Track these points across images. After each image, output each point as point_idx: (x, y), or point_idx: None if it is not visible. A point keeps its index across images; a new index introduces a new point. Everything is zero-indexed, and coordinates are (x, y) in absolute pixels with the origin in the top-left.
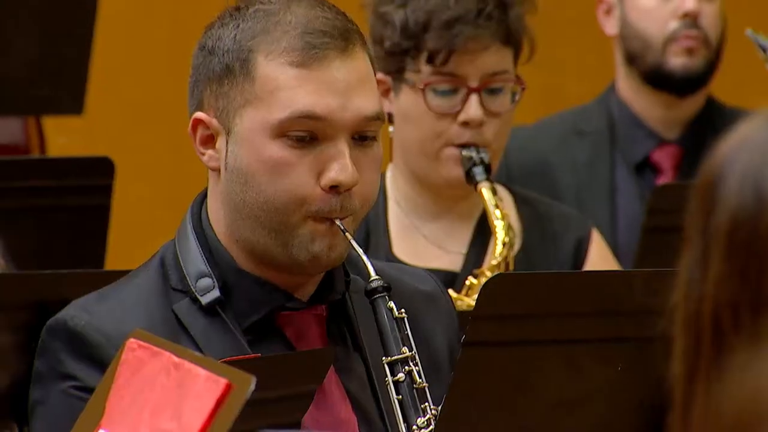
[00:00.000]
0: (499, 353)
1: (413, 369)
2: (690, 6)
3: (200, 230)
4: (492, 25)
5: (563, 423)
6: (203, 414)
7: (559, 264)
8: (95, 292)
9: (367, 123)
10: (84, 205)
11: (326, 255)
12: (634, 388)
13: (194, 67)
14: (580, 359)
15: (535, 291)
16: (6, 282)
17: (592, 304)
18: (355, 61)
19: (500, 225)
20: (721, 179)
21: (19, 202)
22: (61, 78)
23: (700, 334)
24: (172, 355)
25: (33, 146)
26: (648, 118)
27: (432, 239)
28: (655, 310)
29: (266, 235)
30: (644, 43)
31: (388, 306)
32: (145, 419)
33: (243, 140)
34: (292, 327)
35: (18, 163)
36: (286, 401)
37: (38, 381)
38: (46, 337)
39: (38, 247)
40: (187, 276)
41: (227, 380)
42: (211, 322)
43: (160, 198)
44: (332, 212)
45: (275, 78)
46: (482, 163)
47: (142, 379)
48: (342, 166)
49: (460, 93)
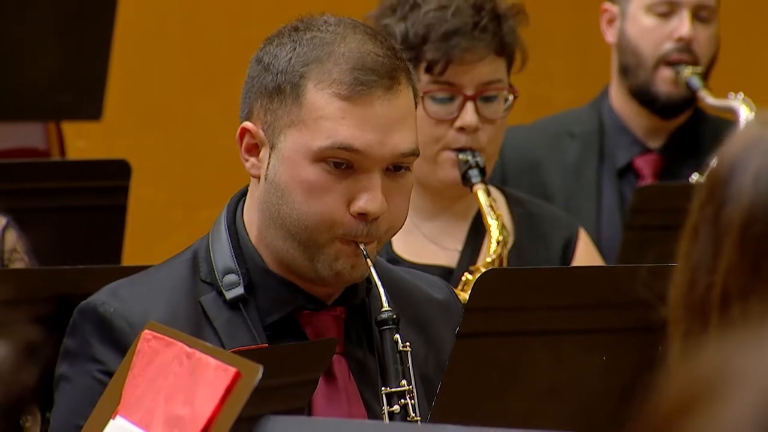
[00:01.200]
0: (491, 343)
1: (409, 403)
2: (685, 31)
3: (233, 229)
4: (487, 38)
5: (551, 408)
6: (214, 400)
7: (549, 261)
8: (127, 278)
9: (402, 158)
10: (102, 205)
11: (348, 273)
12: (616, 376)
13: (249, 76)
14: (567, 349)
15: (524, 285)
16: (30, 277)
17: (578, 298)
18: (398, 99)
19: (494, 224)
20: (734, 176)
21: (42, 202)
22: (81, 86)
23: (707, 320)
24: (185, 346)
25: (53, 150)
26: (634, 127)
27: (430, 237)
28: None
29: (295, 247)
30: (637, 60)
31: (393, 338)
32: (159, 405)
33: (284, 158)
34: (312, 327)
35: (41, 166)
36: (292, 389)
37: (66, 357)
38: (77, 318)
39: (60, 244)
40: (216, 270)
41: (236, 369)
42: (234, 316)
43: (173, 199)
44: (358, 236)
45: (322, 107)
46: (477, 167)
47: (156, 367)
48: (373, 197)
49: (457, 100)
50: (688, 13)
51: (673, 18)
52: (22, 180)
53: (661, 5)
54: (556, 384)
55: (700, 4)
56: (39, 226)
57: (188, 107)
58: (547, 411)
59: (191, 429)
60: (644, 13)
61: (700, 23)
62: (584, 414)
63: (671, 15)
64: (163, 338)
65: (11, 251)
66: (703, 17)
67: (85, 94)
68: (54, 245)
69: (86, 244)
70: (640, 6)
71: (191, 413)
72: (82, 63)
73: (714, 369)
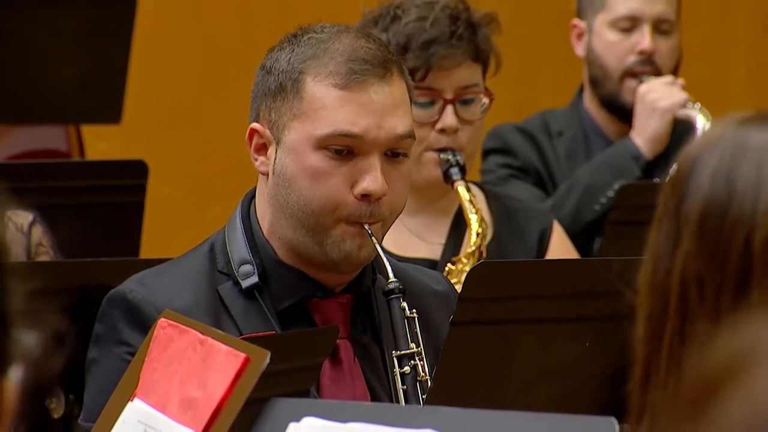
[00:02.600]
0: (482, 331)
1: (418, 363)
2: (646, 45)
3: (247, 223)
4: (463, 45)
5: (538, 392)
6: (225, 384)
7: (526, 251)
8: (152, 268)
9: (398, 141)
10: (121, 202)
11: (356, 254)
12: (599, 362)
13: (255, 83)
14: (553, 336)
15: (513, 277)
16: (55, 269)
17: (563, 289)
18: (392, 87)
19: (474, 218)
20: (694, 172)
21: (66, 200)
22: (102, 92)
23: (666, 302)
24: (198, 333)
25: (74, 151)
26: (606, 131)
27: (414, 231)
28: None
29: (305, 234)
30: (604, 73)
31: (401, 306)
32: (174, 388)
33: (290, 149)
34: (320, 313)
35: (65, 166)
36: (297, 373)
37: (96, 342)
38: (106, 306)
39: (82, 239)
40: (232, 261)
41: (246, 354)
42: (249, 303)
43: (187, 196)
44: (362, 217)
45: (321, 98)
46: (458, 165)
47: (171, 353)
48: (374, 178)
49: (437, 104)
50: (649, 28)
51: (635, 32)
52: (48, 179)
53: (623, 21)
54: (543, 368)
55: (660, 18)
56: (63, 222)
57: (201, 111)
58: (534, 394)
59: (204, 410)
60: (608, 28)
61: (660, 36)
62: (569, 396)
63: (633, 30)
64: (177, 326)
65: (38, 245)
66: (663, 30)
67: (106, 99)
68: (77, 240)
69: (106, 239)
70: (605, 22)
71: (204, 396)
72: (103, 71)
73: (732, 351)
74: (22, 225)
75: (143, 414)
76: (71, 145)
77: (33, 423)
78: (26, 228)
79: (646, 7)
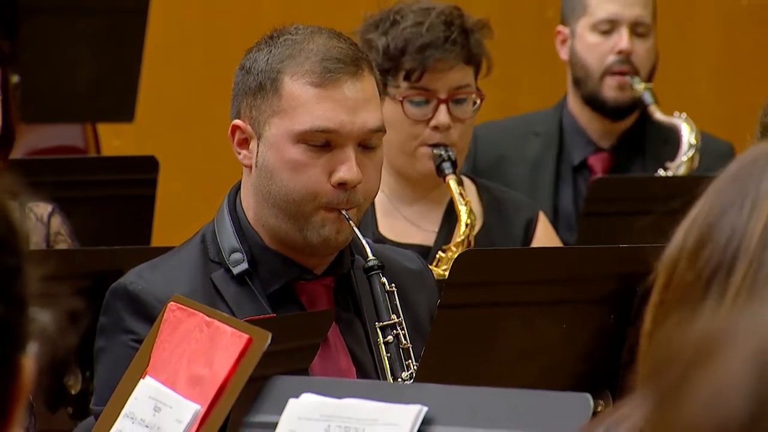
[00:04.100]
0: (468, 314)
1: (400, 333)
2: (624, 45)
3: (234, 214)
4: (456, 49)
5: (519, 370)
6: (229, 363)
7: (513, 240)
8: (148, 262)
9: (370, 134)
10: (133, 195)
11: (334, 238)
12: (575, 342)
13: (235, 83)
14: (533, 319)
15: (497, 263)
16: (72, 256)
17: (543, 274)
18: (363, 83)
19: (464, 210)
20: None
21: (82, 192)
22: (116, 93)
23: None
24: (205, 316)
25: (90, 148)
26: (588, 129)
27: (410, 220)
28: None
29: (286, 221)
30: (586, 72)
31: (381, 281)
32: (182, 367)
33: (270, 144)
34: (306, 295)
35: (81, 161)
36: (296, 352)
37: (102, 333)
38: (109, 298)
39: (97, 228)
40: (222, 250)
41: (249, 336)
42: (241, 289)
43: (195, 190)
44: (340, 204)
45: (298, 96)
46: (449, 160)
47: (180, 334)
48: (349, 168)
49: (432, 103)
50: (627, 30)
51: (614, 34)
52: (66, 173)
53: (603, 24)
54: (524, 349)
55: (636, 21)
56: (80, 213)
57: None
58: (517, 372)
59: (210, 387)
60: (589, 31)
61: (637, 38)
62: (549, 374)
63: (612, 32)
64: (186, 309)
65: (56, 234)
66: (640, 32)
67: (120, 99)
68: (92, 229)
69: (120, 229)
70: (586, 26)
71: (210, 373)
72: (117, 74)
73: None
74: (41, 215)
75: (154, 390)
76: (88, 142)
77: (53, 398)
78: (46, 218)
79: (624, 10)
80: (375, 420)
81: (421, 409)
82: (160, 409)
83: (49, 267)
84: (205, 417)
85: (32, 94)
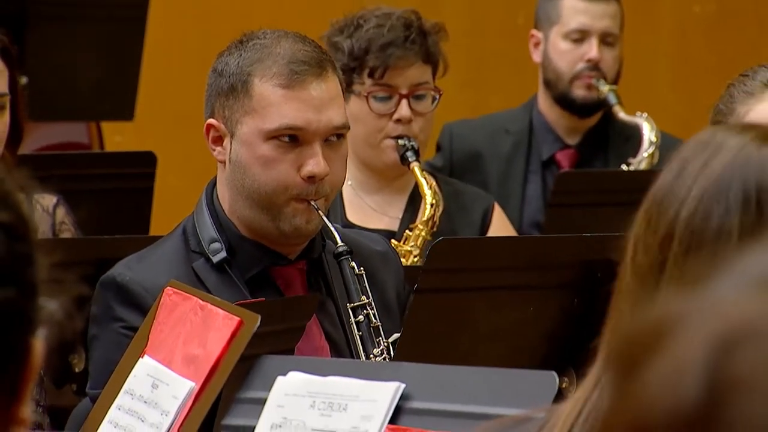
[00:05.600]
0: (442, 298)
1: (369, 312)
2: (593, 54)
3: (212, 206)
4: (415, 48)
5: (490, 351)
6: (221, 343)
7: (471, 227)
8: (134, 254)
9: (335, 130)
10: (133, 188)
11: (305, 227)
12: (541, 324)
13: (208, 84)
14: (503, 302)
15: (470, 251)
16: (76, 245)
17: (512, 261)
18: (327, 83)
19: (429, 193)
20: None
21: (85, 185)
22: (116, 92)
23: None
24: (199, 300)
25: (94, 144)
26: (557, 127)
27: (375, 207)
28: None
29: (260, 212)
30: (557, 76)
31: (350, 265)
32: (178, 347)
33: (243, 141)
34: (282, 279)
35: (85, 156)
36: (283, 334)
37: (94, 322)
38: (99, 289)
39: (99, 219)
40: (202, 241)
41: (240, 318)
42: (221, 276)
43: (191, 184)
44: (309, 195)
45: (267, 96)
46: (412, 149)
47: (176, 317)
48: (317, 162)
49: (394, 98)
50: (596, 40)
51: (584, 43)
52: (70, 167)
53: (574, 33)
54: (495, 330)
55: (605, 32)
56: (83, 205)
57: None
58: (488, 351)
59: (204, 366)
60: (561, 39)
61: (606, 47)
62: (518, 353)
63: (583, 41)
64: (181, 294)
65: (61, 223)
66: (608, 42)
67: (121, 99)
68: (95, 219)
69: (120, 219)
70: (559, 34)
71: (204, 353)
72: (118, 76)
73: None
74: (47, 206)
75: (152, 369)
76: (92, 139)
77: (59, 376)
78: (51, 209)
79: (594, 22)
80: (356, 396)
81: (399, 386)
82: (158, 386)
83: (56, 255)
84: (199, 393)
85: (39, 95)
